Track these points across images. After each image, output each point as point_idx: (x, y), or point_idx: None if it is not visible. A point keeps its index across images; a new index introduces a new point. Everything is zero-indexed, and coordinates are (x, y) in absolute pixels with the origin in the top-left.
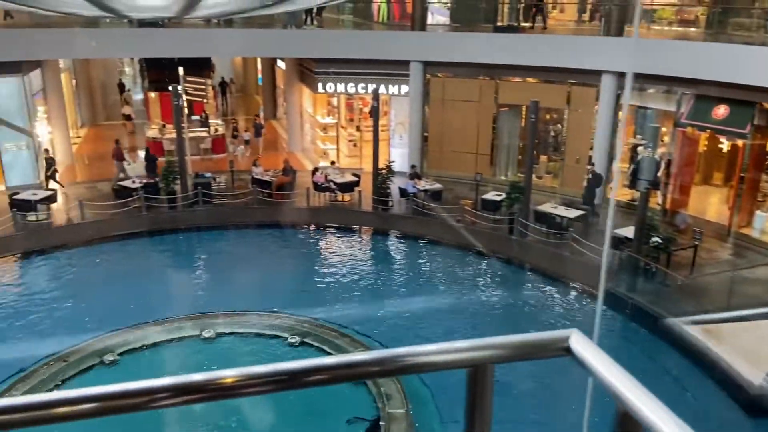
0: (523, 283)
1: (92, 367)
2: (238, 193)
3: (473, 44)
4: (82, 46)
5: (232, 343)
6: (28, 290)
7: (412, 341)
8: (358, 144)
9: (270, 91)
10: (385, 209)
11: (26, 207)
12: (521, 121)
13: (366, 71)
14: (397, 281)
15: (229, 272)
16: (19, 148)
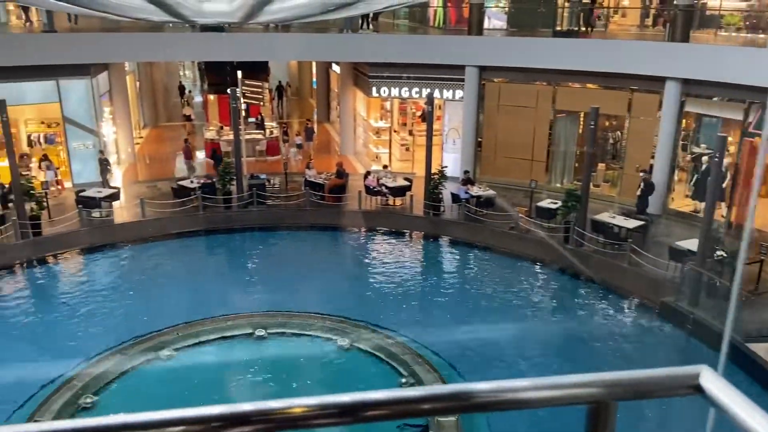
0: (579, 294)
1: (150, 361)
2: (291, 194)
3: (531, 49)
4: (148, 49)
5: (283, 344)
6: (90, 284)
7: (463, 349)
8: (411, 148)
9: (324, 95)
10: (437, 214)
11: (91, 204)
12: (579, 127)
13: (420, 76)
14: (448, 288)
15: (280, 273)
16: (86, 147)
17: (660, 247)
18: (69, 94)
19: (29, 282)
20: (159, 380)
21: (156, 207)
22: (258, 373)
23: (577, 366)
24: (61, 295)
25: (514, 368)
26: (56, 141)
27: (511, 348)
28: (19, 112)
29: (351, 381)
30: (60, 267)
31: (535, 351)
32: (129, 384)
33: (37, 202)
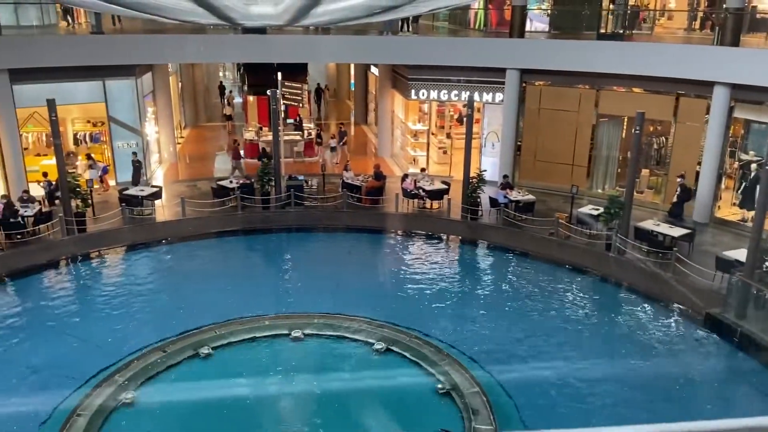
0: (621, 303)
1: (188, 358)
2: (329, 196)
3: (575, 52)
4: (191, 51)
5: (319, 345)
6: (131, 280)
7: (501, 356)
8: (449, 151)
9: (362, 97)
10: (474, 219)
11: (134, 202)
12: (622, 132)
13: (460, 78)
14: (485, 293)
15: (317, 274)
16: (130, 147)
17: (706, 257)
18: (114, 94)
19: (74, 277)
20: (197, 377)
21: (196, 206)
22: (293, 373)
23: (619, 377)
24: (103, 291)
25: (554, 377)
26: (101, 140)
27: (550, 356)
28: (66, 111)
29: (386, 385)
30: (103, 263)
31: (576, 360)
32: (168, 380)
33: (83, 199)
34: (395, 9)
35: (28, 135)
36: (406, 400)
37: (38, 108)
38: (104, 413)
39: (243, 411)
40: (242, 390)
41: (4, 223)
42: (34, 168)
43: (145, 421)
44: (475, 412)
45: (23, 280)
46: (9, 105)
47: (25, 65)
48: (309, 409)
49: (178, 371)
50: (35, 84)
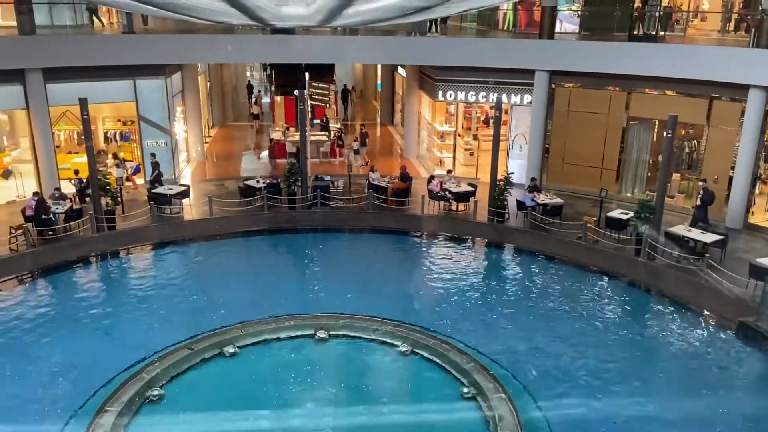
0: (650, 310)
1: (214, 357)
2: (354, 197)
3: (606, 53)
4: (220, 51)
5: (344, 347)
6: (159, 278)
7: (526, 360)
8: (475, 153)
9: (388, 97)
10: (501, 221)
11: (162, 201)
12: (653, 135)
13: (488, 80)
14: (512, 297)
15: (342, 274)
16: (159, 145)
17: (739, 264)
18: (144, 93)
19: (103, 274)
20: (222, 375)
21: (223, 205)
22: (317, 374)
23: (646, 384)
24: (131, 288)
25: (581, 384)
26: (131, 138)
27: (577, 363)
28: (98, 110)
29: (410, 387)
30: (131, 261)
31: (602, 367)
32: (194, 378)
33: (112, 197)
34: (428, 10)
35: (60, 133)
36: (430, 403)
37: (70, 106)
38: (131, 409)
39: (266, 410)
40: (266, 389)
41: (36, 219)
42: (66, 166)
43: (171, 418)
44: (500, 418)
45: (54, 276)
46: (42, 103)
47: (58, 64)
48: (331, 411)
49: (205, 369)
50: (68, 83)
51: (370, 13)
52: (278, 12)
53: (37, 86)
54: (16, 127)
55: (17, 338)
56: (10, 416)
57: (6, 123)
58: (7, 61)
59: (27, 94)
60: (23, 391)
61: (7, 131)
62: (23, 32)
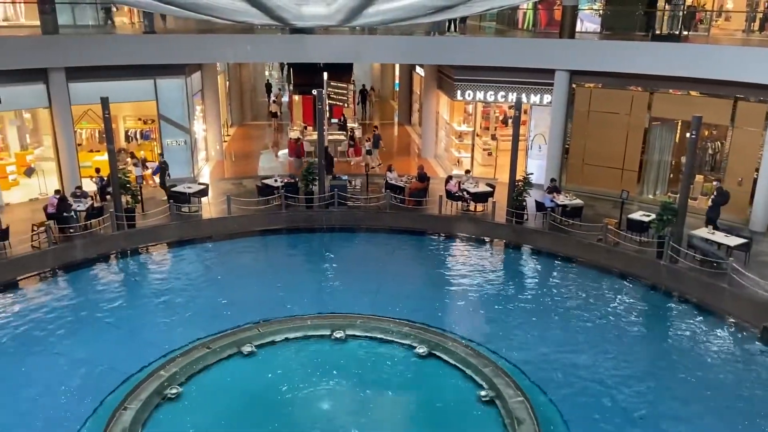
0: (672, 314)
1: (231, 356)
2: (372, 197)
3: (628, 53)
4: (240, 50)
5: (361, 347)
6: (178, 276)
7: (545, 364)
8: (494, 153)
9: (406, 97)
10: (519, 222)
11: (181, 199)
12: (675, 136)
13: (507, 79)
14: (530, 300)
15: (359, 274)
16: (178, 144)
17: (764, 267)
18: (165, 92)
19: (122, 271)
20: (240, 375)
21: (241, 204)
22: (333, 375)
23: (669, 390)
24: (150, 286)
25: (603, 391)
26: (151, 137)
27: (598, 368)
28: (119, 108)
29: (427, 390)
30: (151, 259)
31: (625, 373)
32: (212, 377)
33: (132, 195)
34: (449, 9)
35: (82, 131)
36: (447, 406)
37: (92, 105)
38: (150, 407)
39: (283, 410)
40: (283, 389)
41: (57, 217)
42: (87, 164)
43: (188, 416)
44: (519, 421)
45: (75, 273)
46: (65, 102)
47: (80, 64)
48: (347, 411)
49: (222, 368)
50: (90, 82)
51: (391, 12)
52: (299, 12)
53: (60, 85)
54: (39, 125)
55: (38, 334)
56: (30, 413)
57: (29, 121)
58: (30, 61)
59: (50, 93)
60: (44, 387)
61: (30, 129)
62: (46, 32)
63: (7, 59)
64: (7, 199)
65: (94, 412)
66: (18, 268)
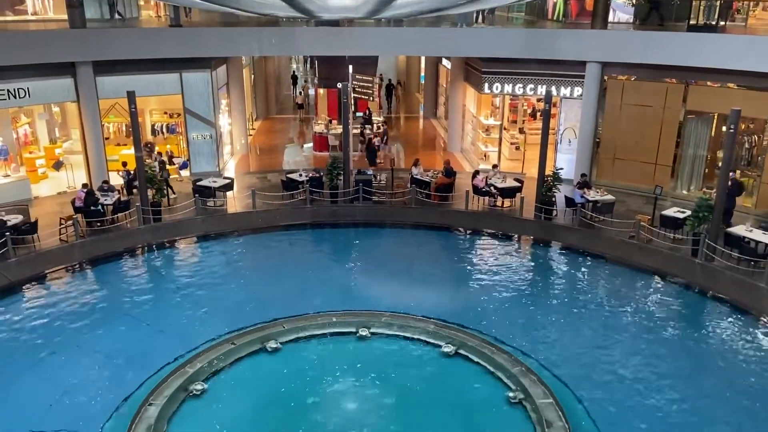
0: (706, 313)
1: (256, 352)
2: (397, 191)
3: (662, 44)
4: (265, 44)
5: (386, 345)
6: (203, 271)
7: (574, 364)
8: (522, 147)
9: (432, 90)
10: (548, 218)
11: (206, 193)
12: (711, 130)
13: (537, 72)
14: (559, 298)
15: (384, 270)
16: (204, 138)
17: None
18: (190, 86)
19: (148, 266)
20: (264, 371)
21: (266, 198)
22: (358, 373)
23: (703, 392)
24: (175, 280)
25: (634, 391)
26: (177, 131)
27: (630, 369)
28: (145, 102)
29: (454, 390)
30: (176, 253)
31: (658, 374)
32: (236, 373)
33: (158, 189)
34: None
35: (109, 125)
36: (474, 407)
37: (119, 99)
38: (175, 403)
39: (307, 408)
40: (307, 386)
41: (85, 211)
42: (114, 157)
43: (213, 412)
44: (549, 424)
45: (102, 266)
46: (92, 96)
47: (108, 57)
48: (371, 410)
49: (247, 364)
50: (117, 76)
51: (420, 3)
52: (325, 3)
53: (88, 79)
54: (67, 118)
55: (64, 327)
56: (55, 407)
57: (58, 115)
58: (58, 55)
59: (77, 87)
60: (69, 381)
61: (59, 123)
62: (74, 26)
63: (35, 53)
64: (36, 192)
65: (118, 407)
66: (46, 261)
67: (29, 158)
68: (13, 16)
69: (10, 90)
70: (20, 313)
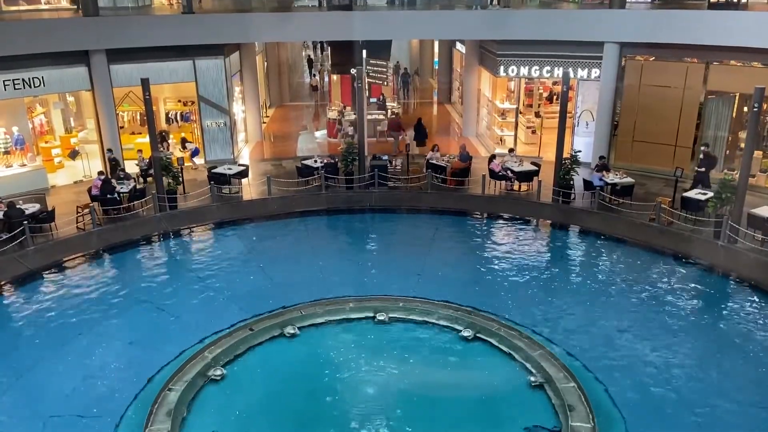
0: (731, 296)
1: (274, 338)
2: (413, 176)
3: (683, 23)
4: (279, 29)
5: (404, 330)
6: (219, 257)
7: (596, 348)
8: (538, 131)
9: (446, 75)
10: (566, 202)
11: (221, 180)
12: (732, 110)
13: (553, 53)
14: (579, 281)
15: (401, 256)
16: (218, 125)
17: None
18: (204, 73)
19: (165, 253)
20: (283, 356)
21: (281, 185)
22: (376, 357)
23: (727, 378)
24: (192, 267)
25: (657, 375)
26: (191, 119)
27: (653, 352)
28: (159, 91)
29: (473, 374)
30: (192, 240)
31: (680, 357)
32: (255, 358)
33: (174, 177)
34: None
35: (124, 114)
36: (497, 395)
37: (133, 87)
38: (194, 388)
39: (327, 392)
40: (326, 371)
41: (101, 199)
42: (129, 146)
43: (233, 397)
44: (571, 408)
45: (119, 254)
46: (106, 84)
47: (121, 45)
48: (391, 394)
49: (265, 349)
50: (130, 64)
51: None
52: None
53: (102, 68)
54: (82, 108)
55: (82, 314)
56: (75, 393)
57: (73, 104)
58: (72, 43)
59: (92, 75)
60: (88, 368)
61: (74, 113)
62: (87, 14)
63: (49, 42)
64: (52, 181)
65: (138, 394)
66: (64, 249)
67: (45, 147)
68: (26, 6)
69: (24, 79)
70: (39, 301)
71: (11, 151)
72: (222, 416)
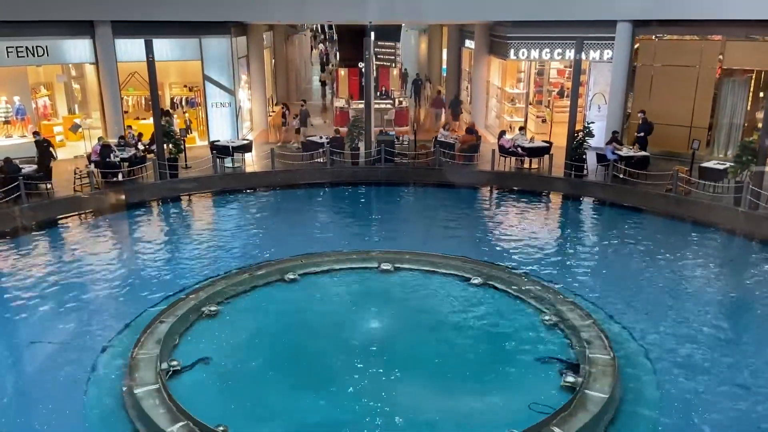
0: (754, 261)
1: (274, 282)
2: (420, 153)
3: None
4: (286, 9)
5: (410, 277)
6: (220, 221)
7: (618, 300)
8: (548, 120)
9: (454, 79)
10: (579, 176)
11: (224, 152)
12: (749, 89)
13: (564, 35)
14: (593, 245)
15: (406, 225)
16: (223, 105)
17: None
18: (210, 52)
19: (165, 217)
20: (281, 298)
21: (285, 159)
22: (380, 301)
23: (749, 336)
24: (189, 230)
25: (683, 329)
26: (197, 104)
27: (673, 309)
28: (164, 75)
29: (486, 316)
30: (191, 206)
31: (705, 318)
32: (252, 299)
33: (175, 143)
34: None
35: (128, 98)
36: (509, 330)
37: (138, 64)
38: (186, 322)
39: (326, 331)
40: (325, 312)
41: (101, 163)
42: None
43: (225, 331)
44: (588, 342)
45: (116, 216)
46: (111, 59)
47: (126, 18)
48: (393, 335)
49: (263, 291)
50: (136, 39)
51: None
52: None
53: (106, 40)
54: (87, 96)
55: (79, 265)
56: (70, 322)
57: (78, 91)
58: (76, 12)
59: (96, 47)
60: (79, 307)
61: (79, 100)
62: None
63: (53, 10)
64: None
65: (127, 325)
66: (59, 208)
67: (47, 125)
68: None
69: (28, 47)
70: (34, 252)
71: (12, 121)
72: (214, 346)
